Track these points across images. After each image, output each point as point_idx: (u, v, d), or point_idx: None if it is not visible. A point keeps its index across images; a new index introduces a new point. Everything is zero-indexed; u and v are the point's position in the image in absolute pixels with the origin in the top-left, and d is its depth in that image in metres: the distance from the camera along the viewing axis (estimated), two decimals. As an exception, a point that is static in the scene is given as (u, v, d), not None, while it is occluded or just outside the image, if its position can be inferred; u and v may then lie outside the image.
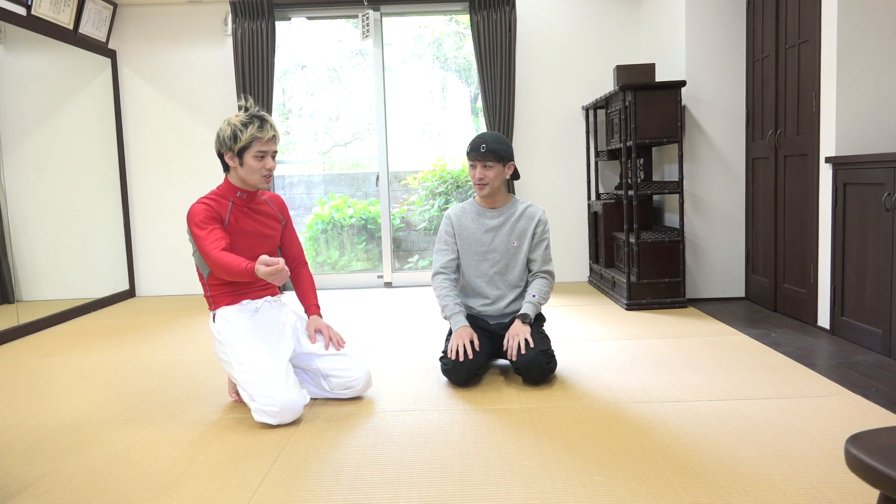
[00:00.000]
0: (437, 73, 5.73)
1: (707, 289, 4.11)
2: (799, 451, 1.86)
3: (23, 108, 4.03)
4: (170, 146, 4.97)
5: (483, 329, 2.69)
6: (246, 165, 2.24)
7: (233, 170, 2.28)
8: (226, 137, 2.22)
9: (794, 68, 3.40)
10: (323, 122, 5.79)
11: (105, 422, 2.32)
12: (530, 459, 1.88)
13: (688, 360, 2.78)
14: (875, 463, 1.04)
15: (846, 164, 2.96)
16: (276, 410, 2.16)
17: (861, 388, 2.38)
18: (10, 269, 3.84)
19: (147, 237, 5.04)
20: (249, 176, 2.26)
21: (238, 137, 2.20)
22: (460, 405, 2.35)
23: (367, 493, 1.72)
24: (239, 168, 2.25)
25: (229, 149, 2.23)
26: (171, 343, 3.46)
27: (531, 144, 4.89)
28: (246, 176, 2.26)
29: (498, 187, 2.64)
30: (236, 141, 2.21)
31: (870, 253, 2.84)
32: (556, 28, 4.82)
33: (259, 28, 4.67)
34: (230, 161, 2.25)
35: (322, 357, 2.40)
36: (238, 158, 2.24)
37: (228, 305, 2.33)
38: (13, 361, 3.21)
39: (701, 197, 4.07)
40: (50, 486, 1.82)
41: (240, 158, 2.24)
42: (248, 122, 2.21)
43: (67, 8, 4.24)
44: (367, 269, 5.52)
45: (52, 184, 4.21)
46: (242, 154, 2.23)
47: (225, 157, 2.26)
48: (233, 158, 2.24)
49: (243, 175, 2.26)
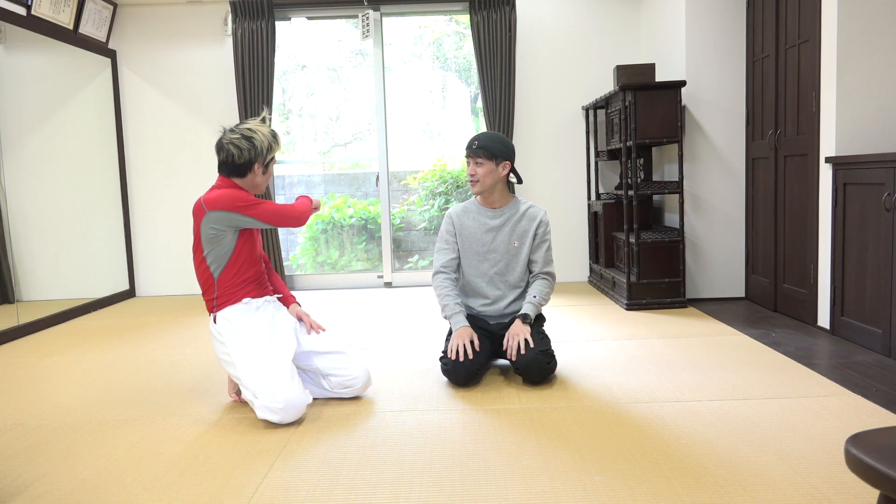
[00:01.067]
0: (437, 73, 5.73)
1: (707, 289, 4.11)
2: (799, 451, 1.86)
3: (23, 108, 4.03)
4: (170, 146, 4.97)
5: (483, 329, 2.68)
6: (268, 173, 2.43)
7: (251, 176, 2.37)
8: (264, 148, 2.35)
9: (794, 68, 3.40)
10: (323, 122, 5.79)
11: (105, 422, 2.32)
12: (530, 459, 1.88)
13: (688, 360, 2.78)
14: (875, 463, 1.04)
15: (846, 164, 2.96)
16: (279, 407, 2.16)
17: (861, 388, 2.38)
18: (10, 269, 3.84)
19: (147, 237, 5.04)
20: (264, 182, 2.43)
21: (273, 148, 2.38)
22: (460, 405, 2.35)
23: (367, 493, 1.72)
24: (260, 175, 2.38)
25: (263, 158, 2.36)
26: (171, 343, 3.46)
27: (531, 144, 4.89)
28: (263, 182, 2.42)
29: (491, 186, 2.63)
30: (270, 152, 2.38)
31: (870, 253, 2.84)
32: (556, 28, 4.82)
33: (259, 28, 4.67)
34: (257, 169, 2.36)
35: (321, 356, 2.41)
36: (264, 168, 2.39)
37: (230, 305, 2.33)
38: (13, 361, 3.21)
39: (701, 197, 4.07)
40: (50, 486, 1.82)
41: (265, 168, 2.39)
42: (276, 135, 2.41)
43: (67, 8, 4.24)
44: (367, 269, 5.53)
45: (52, 184, 4.21)
46: (269, 164, 2.40)
47: (255, 164, 2.35)
48: (261, 167, 2.37)
49: (261, 181, 2.41)
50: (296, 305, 2.56)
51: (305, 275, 5.21)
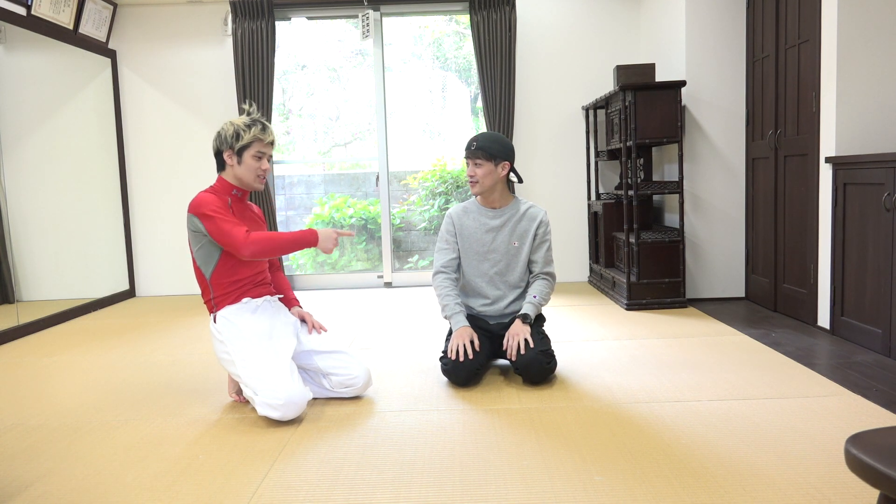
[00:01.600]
0: (437, 73, 5.73)
1: (707, 289, 4.11)
2: (799, 451, 1.86)
3: (23, 108, 4.03)
4: (170, 146, 4.97)
5: (483, 329, 2.68)
6: (244, 164, 2.34)
7: (229, 168, 2.36)
8: (228, 136, 2.32)
9: (794, 68, 3.40)
10: (323, 122, 5.79)
11: (105, 422, 2.32)
12: (530, 459, 1.88)
13: (688, 360, 2.78)
14: (875, 463, 1.04)
15: (846, 164, 2.96)
16: (280, 403, 2.16)
17: (861, 388, 2.38)
18: (10, 269, 3.84)
19: (147, 237, 5.04)
20: (246, 174, 2.35)
21: (240, 136, 2.31)
22: (460, 405, 2.35)
23: (367, 493, 1.72)
24: (236, 166, 2.34)
25: (230, 146, 2.33)
26: (171, 343, 3.46)
27: (531, 144, 4.89)
28: (242, 174, 2.35)
29: (490, 186, 2.63)
30: (238, 139, 2.32)
31: (870, 253, 2.84)
32: (556, 28, 4.82)
33: (259, 28, 4.67)
34: (228, 159, 2.34)
35: (321, 355, 2.41)
36: (237, 157, 2.33)
37: (230, 305, 2.34)
38: (13, 361, 3.21)
39: (701, 197, 4.07)
40: (50, 486, 1.82)
41: (238, 157, 2.33)
42: (251, 124, 2.33)
43: (67, 8, 4.24)
44: (367, 269, 5.53)
45: (52, 184, 4.21)
46: (242, 153, 2.33)
47: (224, 154, 2.34)
48: (231, 156, 2.33)
49: (240, 173, 2.35)
50: (297, 308, 2.57)
51: (305, 275, 5.21)
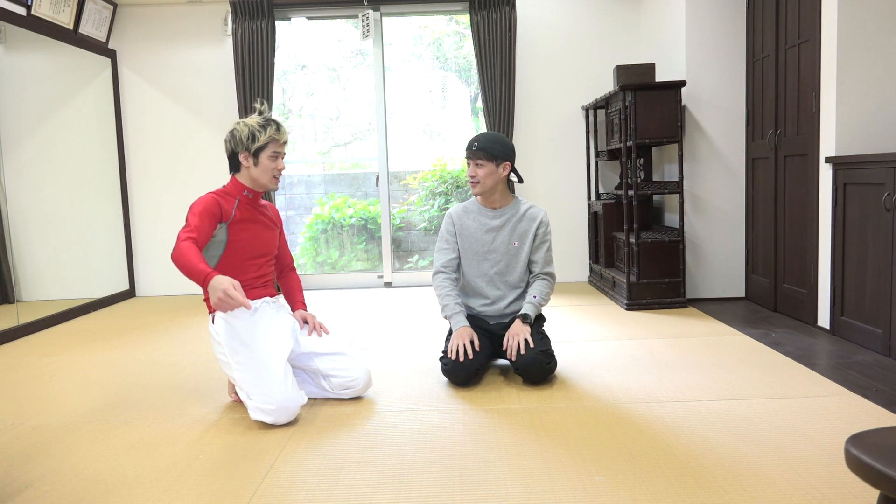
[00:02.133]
0: (437, 73, 5.73)
1: (707, 289, 4.11)
2: (799, 451, 1.86)
3: (23, 108, 4.03)
4: (170, 146, 4.97)
5: (483, 329, 2.68)
6: (261, 165, 2.32)
7: (245, 169, 2.34)
8: (243, 137, 2.30)
9: (794, 68, 3.40)
10: (323, 122, 5.79)
11: (105, 421, 2.32)
12: (530, 459, 1.88)
13: (688, 360, 2.78)
14: (875, 463, 1.04)
15: (846, 164, 2.96)
16: (272, 409, 2.16)
17: (861, 388, 2.38)
18: (10, 269, 3.84)
19: (147, 237, 5.04)
20: (262, 175, 2.33)
21: (256, 137, 2.29)
22: (460, 405, 2.35)
23: (367, 493, 1.72)
24: (252, 168, 2.33)
25: (245, 148, 2.31)
26: (171, 343, 3.46)
27: (531, 144, 4.89)
28: (259, 175, 2.33)
29: (492, 186, 2.63)
30: (254, 140, 2.29)
31: (870, 253, 2.84)
32: (556, 28, 4.82)
33: (259, 28, 4.66)
34: (244, 161, 2.32)
35: (321, 357, 2.40)
36: (253, 158, 2.32)
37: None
38: (13, 361, 3.21)
39: (701, 197, 4.07)
40: (50, 486, 1.82)
41: (255, 158, 2.32)
42: (265, 125, 2.31)
43: (67, 8, 4.24)
44: (367, 269, 5.53)
45: (52, 184, 4.21)
46: (259, 154, 2.31)
47: (240, 156, 2.32)
48: (248, 158, 2.32)
49: (256, 175, 2.33)
50: (301, 311, 2.55)
51: (305, 275, 5.21)
